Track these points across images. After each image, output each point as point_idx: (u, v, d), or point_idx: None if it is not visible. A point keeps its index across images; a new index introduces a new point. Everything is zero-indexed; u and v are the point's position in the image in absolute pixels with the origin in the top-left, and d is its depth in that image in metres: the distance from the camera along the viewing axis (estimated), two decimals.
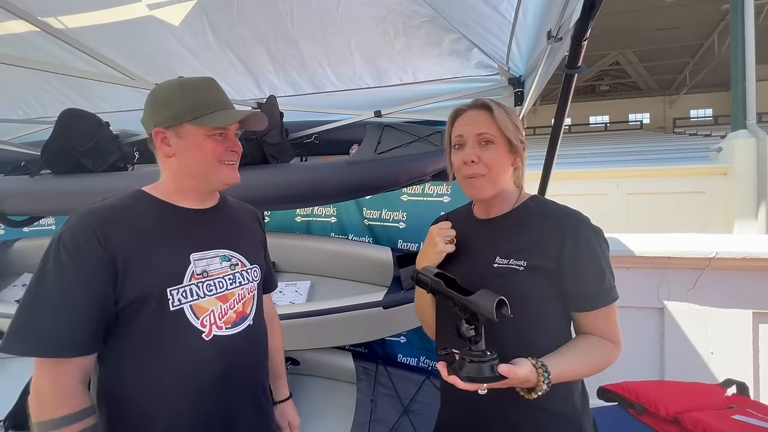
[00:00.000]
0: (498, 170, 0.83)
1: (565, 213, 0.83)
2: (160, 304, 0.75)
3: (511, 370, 0.66)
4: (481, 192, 0.84)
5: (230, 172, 0.86)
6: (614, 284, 0.80)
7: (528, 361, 0.70)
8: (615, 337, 0.80)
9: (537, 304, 0.80)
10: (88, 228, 0.73)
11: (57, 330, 0.69)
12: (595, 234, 0.80)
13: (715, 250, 2.02)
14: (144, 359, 0.76)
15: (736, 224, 6.80)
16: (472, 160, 0.82)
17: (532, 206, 0.87)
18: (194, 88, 0.81)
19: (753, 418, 1.21)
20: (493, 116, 0.83)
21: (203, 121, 0.80)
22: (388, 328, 1.79)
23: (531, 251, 0.80)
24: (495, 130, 0.83)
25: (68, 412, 0.69)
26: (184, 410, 0.77)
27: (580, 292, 0.78)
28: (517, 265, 0.79)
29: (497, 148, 0.83)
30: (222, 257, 0.86)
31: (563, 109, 0.99)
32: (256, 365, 0.91)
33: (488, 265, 0.82)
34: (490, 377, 0.66)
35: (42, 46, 1.57)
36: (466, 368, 0.68)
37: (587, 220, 0.81)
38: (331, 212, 2.36)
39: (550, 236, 0.79)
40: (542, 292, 0.79)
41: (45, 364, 0.69)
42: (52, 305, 0.70)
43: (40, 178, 1.80)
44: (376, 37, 1.51)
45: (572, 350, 0.78)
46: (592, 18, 0.72)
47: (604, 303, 0.78)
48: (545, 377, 0.69)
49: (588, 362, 0.77)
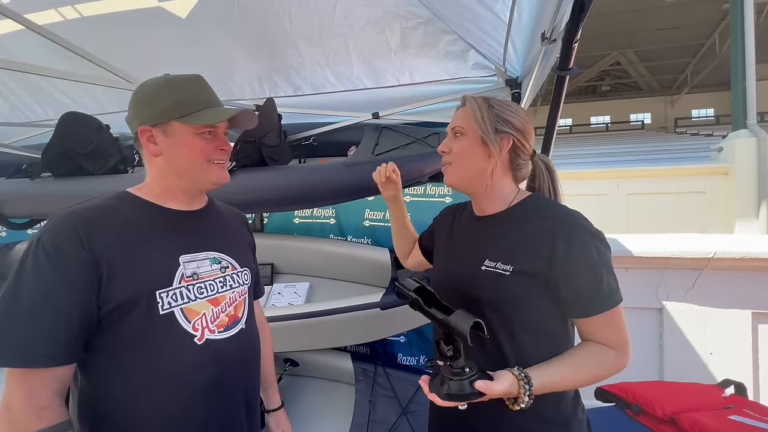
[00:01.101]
0: (464, 161, 0.86)
1: (560, 214, 0.80)
2: (149, 308, 0.71)
3: (488, 387, 0.66)
4: (447, 178, 0.90)
5: (219, 172, 0.83)
6: (616, 287, 0.75)
7: (509, 373, 0.70)
8: (619, 343, 0.76)
9: (525, 309, 0.78)
10: (70, 229, 0.68)
11: (33, 338, 0.64)
12: (591, 236, 0.76)
13: (713, 250, 2.02)
14: (133, 366, 0.72)
15: (737, 224, 6.78)
16: (443, 150, 0.88)
17: (528, 206, 0.85)
18: (181, 85, 0.79)
19: (750, 419, 1.21)
20: (466, 110, 0.88)
21: (192, 119, 0.77)
22: (386, 329, 1.79)
23: (520, 254, 0.78)
24: (467, 123, 0.86)
25: (43, 426, 0.63)
26: (178, 418, 0.74)
27: (574, 297, 0.75)
28: (503, 269, 0.78)
29: (466, 140, 0.86)
30: (212, 259, 0.84)
31: (556, 110, 0.99)
32: (249, 370, 0.88)
33: (477, 267, 0.82)
34: (469, 394, 0.66)
35: (38, 50, 1.59)
36: (445, 385, 0.68)
37: (583, 222, 0.77)
38: (330, 214, 2.37)
39: (542, 238, 0.77)
40: (531, 296, 0.77)
41: (18, 374, 0.64)
42: (28, 311, 0.64)
43: (40, 180, 1.81)
44: (374, 39, 1.52)
45: (565, 360, 0.75)
46: (582, 20, 0.72)
47: (602, 308, 0.74)
48: (526, 389, 0.68)
49: (583, 374, 0.74)
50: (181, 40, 1.63)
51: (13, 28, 1.51)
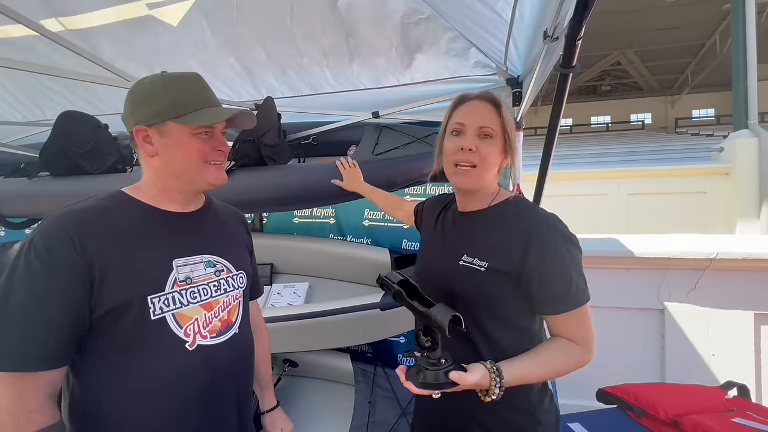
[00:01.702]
0: (489, 165, 0.85)
1: (537, 217, 0.83)
2: (140, 313, 0.70)
3: (461, 377, 0.70)
4: (467, 181, 0.86)
5: (216, 173, 0.81)
6: (585, 287, 0.79)
7: (482, 366, 0.74)
8: (585, 340, 0.80)
9: (499, 305, 0.82)
10: (62, 231, 0.67)
11: (23, 341, 0.63)
12: (563, 240, 0.79)
13: (716, 250, 2.01)
14: (124, 372, 0.71)
15: (738, 224, 6.77)
16: (470, 148, 0.83)
17: (508, 206, 0.88)
18: (178, 84, 0.77)
19: (754, 421, 1.20)
20: (499, 112, 0.84)
21: (188, 119, 0.75)
22: (385, 330, 1.78)
23: (496, 253, 0.81)
24: (497, 126, 0.84)
25: (34, 429, 0.63)
26: (168, 424, 0.73)
27: (546, 296, 0.79)
28: (479, 265, 0.82)
29: (494, 143, 0.84)
30: (206, 263, 0.82)
31: (559, 109, 0.98)
32: (242, 375, 0.87)
33: (455, 262, 0.85)
34: (443, 383, 0.70)
35: (38, 49, 1.58)
36: (422, 374, 0.72)
37: (557, 225, 0.81)
38: (329, 213, 2.36)
39: (516, 239, 0.80)
40: (504, 293, 0.81)
41: (8, 378, 0.63)
42: (19, 314, 0.64)
43: (38, 180, 1.80)
44: (374, 37, 1.51)
45: (535, 355, 0.80)
46: (586, 17, 0.71)
47: (570, 307, 0.78)
48: (497, 381, 0.72)
49: (550, 368, 0.79)
50: (176, 42, 1.61)
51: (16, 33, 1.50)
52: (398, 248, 2.19)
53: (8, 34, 1.54)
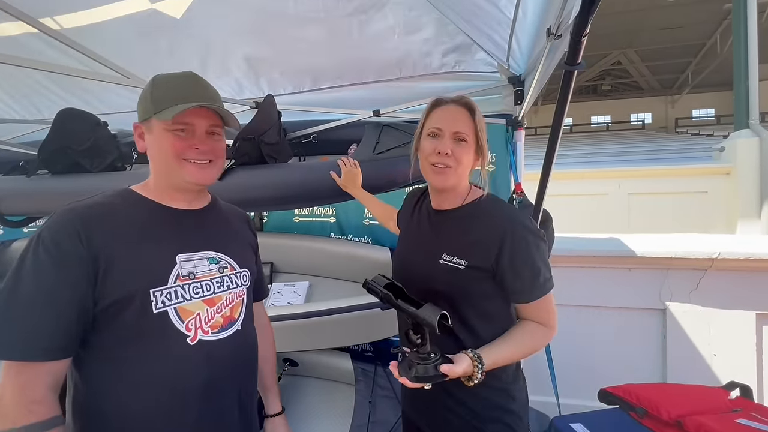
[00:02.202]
0: (464, 167, 0.92)
1: (507, 216, 0.91)
2: (142, 307, 0.71)
3: (451, 369, 0.78)
4: (444, 181, 0.92)
5: (197, 172, 0.80)
6: (549, 276, 0.90)
7: (466, 355, 0.82)
8: (549, 321, 0.91)
9: (479, 299, 0.91)
10: (70, 226, 0.69)
11: (30, 333, 0.65)
12: (533, 236, 0.88)
13: (718, 250, 2.00)
14: (126, 364, 0.72)
15: (739, 224, 6.77)
16: (446, 152, 0.89)
17: (481, 205, 0.95)
18: (165, 82, 0.78)
19: (757, 422, 1.19)
20: (473, 118, 0.91)
21: (162, 115, 0.75)
22: (386, 329, 1.77)
23: (474, 251, 0.89)
24: (471, 131, 0.91)
25: (34, 420, 0.63)
26: (169, 418, 0.74)
27: (517, 288, 0.88)
28: (459, 264, 0.89)
29: (468, 147, 0.91)
30: (210, 259, 0.83)
31: (563, 107, 0.97)
32: (243, 372, 0.87)
33: (435, 261, 0.92)
34: (434, 376, 0.77)
35: (36, 47, 1.56)
36: (413, 369, 0.78)
37: (525, 222, 0.89)
38: (330, 212, 2.35)
39: (491, 238, 0.88)
40: (483, 288, 0.90)
41: (14, 367, 0.65)
42: (27, 306, 0.66)
43: (37, 178, 1.79)
44: (376, 32, 1.50)
45: (509, 339, 0.90)
46: (592, 13, 0.70)
47: (539, 295, 0.89)
48: (479, 368, 0.81)
49: (523, 348, 0.90)
50: (177, 39, 1.60)
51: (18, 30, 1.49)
52: (392, 249, 2.18)
53: (4, 32, 1.53)
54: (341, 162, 1.49)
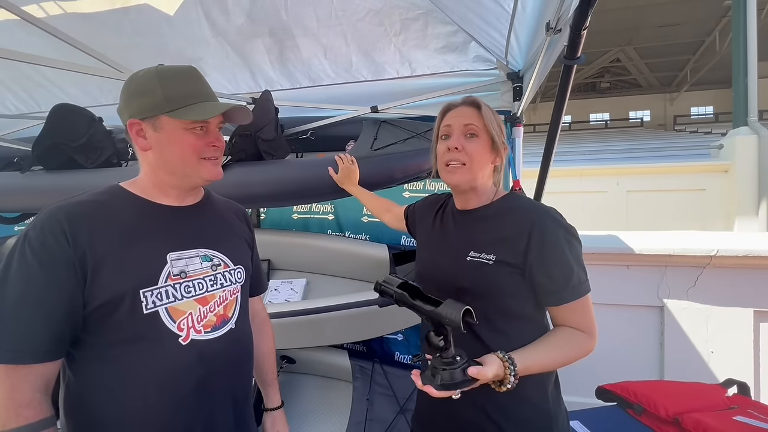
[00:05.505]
0: (478, 162, 0.88)
1: (536, 210, 0.85)
2: (132, 307, 0.70)
3: (480, 372, 0.69)
4: (457, 177, 0.89)
5: (212, 168, 0.80)
6: (585, 278, 0.82)
7: (496, 356, 0.74)
8: (589, 328, 0.82)
9: (507, 296, 0.83)
10: (56, 226, 0.67)
11: (17, 334, 0.63)
12: (564, 231, 0.82)
13: (716, 247, 2.00)
14: (118, 365, 0.71)
15: (736, 222, 6.78)
16: (456, 147, 0.87)
17: (509, 202, 0.91)
18: (173, 77, 0.76)
19: (754, 419, 1.19)
20: (480, 112, 0.89)
21: (182, 114, 0.74)
22: (383, 327, 1.76)
23: (501, 246, 0.84)
24: (480, 124, 0.88)
25: (22, 423, 0.62)
26: (161, 418, 0.72)
27: (548, 287, 0.81)
28: (486, 259, 0.83)
29: (480, 142, 0.88)
30: (203, 257, 0.81)
31: (562, 102, 0.96)
32: (238, 371, 0.85)
33: (462, 258, 0.87)
34: (461, 381, 0.69)
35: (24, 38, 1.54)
36: (438, 376, 0.70)
37: (556, 217, 0.83)
38: (328, 209, 2.34)
39: (519, 232, 0.82)
40: (512, 284, 0.83)
41: (1, 370, 0.63)
42: (13, 308, 0.64)
43: (31, 174, 1.77)
44: (373, 29, 1.49)
45: (543, 343, 0.81)
46: (592, 6, 0.69)
47: (572, 297, 0.80)
48: (512, 370, 0.72)
49: (560, 354, 0.80)
50: (172, 34, 1.58)
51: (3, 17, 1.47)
52: (397, 244, 2.17)
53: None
54: (338, 158, 1.47)
